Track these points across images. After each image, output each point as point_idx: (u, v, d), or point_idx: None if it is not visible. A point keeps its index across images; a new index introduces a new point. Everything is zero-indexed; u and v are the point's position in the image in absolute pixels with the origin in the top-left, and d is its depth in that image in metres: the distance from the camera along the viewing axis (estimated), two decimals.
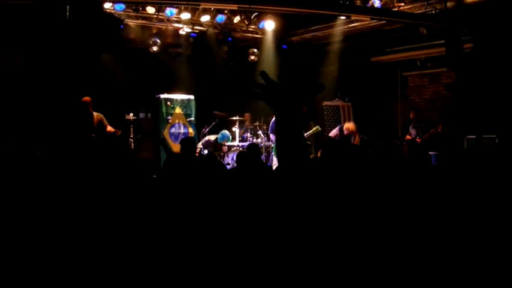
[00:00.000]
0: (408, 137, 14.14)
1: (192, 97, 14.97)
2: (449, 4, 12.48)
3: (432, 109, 16.40)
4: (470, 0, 12.23)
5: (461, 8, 12.55)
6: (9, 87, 12.39)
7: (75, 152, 10.81)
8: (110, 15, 12.22)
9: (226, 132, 14.07)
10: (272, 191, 4.82)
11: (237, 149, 13.87)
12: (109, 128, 11.30)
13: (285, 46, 15.46)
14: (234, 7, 12.59)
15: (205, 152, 13.20)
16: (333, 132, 13.72)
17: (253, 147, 9.81)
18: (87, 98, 11.17)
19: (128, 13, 12.88)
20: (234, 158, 12.56)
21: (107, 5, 12.04)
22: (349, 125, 13.40)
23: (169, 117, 14.47)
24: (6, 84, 12.36)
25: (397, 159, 5.67)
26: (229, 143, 14.13)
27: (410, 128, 14.26)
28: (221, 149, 13.84)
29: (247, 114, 15.21)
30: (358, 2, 12.71)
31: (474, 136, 13.71)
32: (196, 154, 11.11)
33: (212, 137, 13.89)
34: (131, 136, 13.76)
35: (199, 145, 13.40)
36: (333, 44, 15.45)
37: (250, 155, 8.59)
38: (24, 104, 12.37)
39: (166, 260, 3.34)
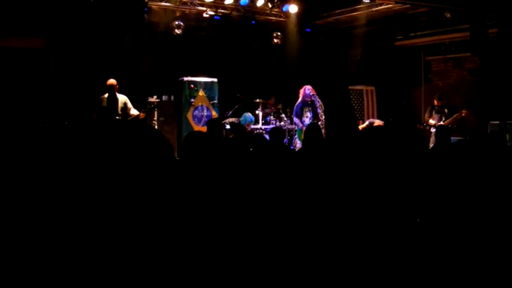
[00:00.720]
0: (431, 121, 14.07)
1: (215, 80, 15.01)
2: None
3: (456, 94, 16.32)
4: None
5: None
6: (32, 72, 12.52)
7: (102, 134, 10.92)
8: None
9: (248, 114, 14.13)
10: (294, 173, 4.86)
11: (260, 132, 13.93)
12: (133, 111, 11.38)
13: (308, 29, 15.40)
14: None
15: (227, 126, 13.34)
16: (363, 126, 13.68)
17: (277, 130, 9.79)
18: (112, 81, 11.26)
19: None
20: None
21: None
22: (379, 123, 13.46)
23: (193, 100, 14.53)
24: (28, 68, 12.49)
25: (421, 143, 5.67)
26: (253, 126, 14.18)
27: (433, 112, 14.20)
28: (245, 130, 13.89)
29: (272, 98, 15.23)
30: None
31: (498, 122, 13.65)
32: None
33: (234, 120, 13.94)
34: (154, 118, 13.85)
35: (227, 126, 13.50)
36: (357, 27, 15.39)
37: (272, 138, 8.61)
38: (47, 88, 12.51)
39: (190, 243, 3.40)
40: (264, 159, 5.57)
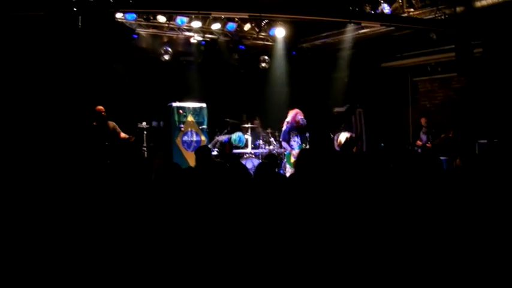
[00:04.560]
0: (419, 142, 14.13)
1: (203, 105, 15.01)
2: (458, 9, 12.53)
3: (443, 114, 16.40)
4: (480, 5, 12.27)
5: (471, 13, 12.59)
6: (21, 96, 12.51)
7: (90, 159, 10.92)
8: (121, 25, 12.30)
9: (241, 136, 14.21)
10: (287, 198, 4.87)
11: (250, 156, 13.93)
12: (122, 135, 11.39)
13: (294, 53, 15.47)
14: (245, 15, 12.69)
15: (214, 152, 13.43)
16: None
17: (272, 158, 9.70)
18: (100, 107, 11.27)
19: (139, 22, 12.97)
20: (248, 165, 12.63)
21: (119, 15, 12.07)
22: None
23: (182, 125, 14.50)
24: (17, 92, 12.48)
25: (410, 164, 5.70)
26: (242, 150, 14.23)
27: (421, 133, 14.26)
28: (225, 148, 13.94)
29: (256, 120, 15.23)
30: (368, 8, 12.76)
31: (485, 141, 13.73)
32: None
33: (225, 137, 14.07)
34: (144, 144, 13.84)
35: (210, 145, 13.59)
36: (343, 50, 15.50)
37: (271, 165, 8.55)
38: (36, 113, 12.49)
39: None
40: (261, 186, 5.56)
